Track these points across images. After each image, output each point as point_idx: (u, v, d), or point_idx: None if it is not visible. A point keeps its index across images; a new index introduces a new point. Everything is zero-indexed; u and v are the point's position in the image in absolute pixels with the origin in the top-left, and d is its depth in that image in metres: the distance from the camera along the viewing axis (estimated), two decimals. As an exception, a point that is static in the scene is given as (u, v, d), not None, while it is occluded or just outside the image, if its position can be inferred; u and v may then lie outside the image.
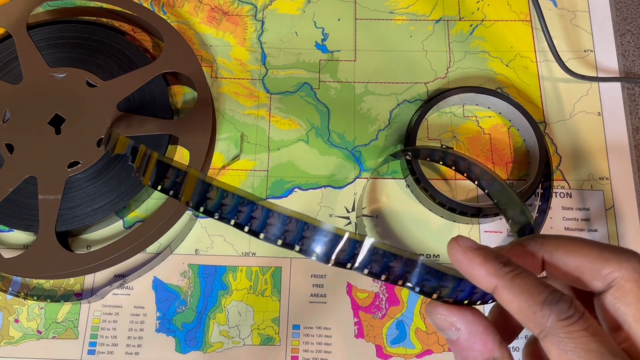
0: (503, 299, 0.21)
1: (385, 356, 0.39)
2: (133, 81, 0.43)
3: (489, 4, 0.49)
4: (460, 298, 0.23)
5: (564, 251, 0.22)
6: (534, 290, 0.21)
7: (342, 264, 0.22)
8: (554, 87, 0.46)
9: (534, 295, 0.20)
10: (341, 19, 0.48)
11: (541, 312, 0.20)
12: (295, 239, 0.22)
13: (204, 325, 0.40)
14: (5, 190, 0.40)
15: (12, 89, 0.43)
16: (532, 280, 0.21)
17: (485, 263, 0.22)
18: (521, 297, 0.21)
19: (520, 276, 0.21)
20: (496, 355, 0.22)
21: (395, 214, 0.42)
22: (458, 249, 0.22)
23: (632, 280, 0.21)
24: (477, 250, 0.22)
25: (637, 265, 0.21)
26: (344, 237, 0.22)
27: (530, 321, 0.20)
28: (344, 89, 0.46)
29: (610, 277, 0.21)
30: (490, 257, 0.22)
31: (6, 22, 0.44)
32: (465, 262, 0.22)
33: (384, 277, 0.22)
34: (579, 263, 0.22)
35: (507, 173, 0.44)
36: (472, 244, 0.22)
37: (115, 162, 0.41)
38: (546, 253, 0.23)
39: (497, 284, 0.21)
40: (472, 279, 0.22)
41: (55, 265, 0.38)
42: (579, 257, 0.22)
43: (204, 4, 0.49)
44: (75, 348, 0.39)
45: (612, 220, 0.42)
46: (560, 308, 0.20)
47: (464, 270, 0.22)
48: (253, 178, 0.43)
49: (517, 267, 0.21)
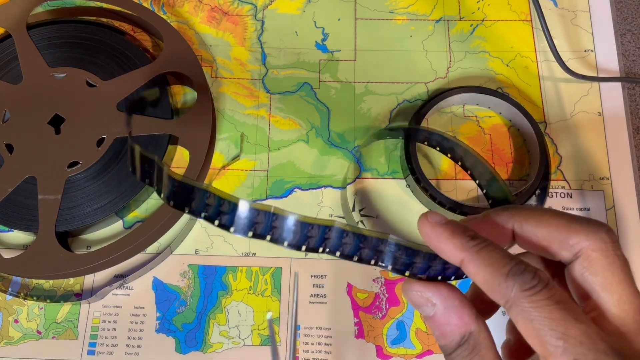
0: (470, 272, 0.22)
1: (386, 356, 0.39)
2: (133, 81, 0.43)
3: (489, 4, 0.49)
4: (434, 274, 0.23)
5: (533, 222, 0.23)
6: (499, 262, 0.21)
7: (314, 249, 0.22)
8: (555, 87, 0.46)
9: (499, 267, 0.21)
10: (341, 19, 0.48)
11: (505, 284, 0.20)
12: (265, 229, 0.22)
13: (204, 325, 0.40)
14: (5, 190, 0.40)
15: (12, 89, 0.43)
16: (498, 253, 0.21)
17: (453, 237, 0.22)
18: (486, 270, 0.21)
19: (487, 249, 0.21)
20: (472, 328, 0.22)
21: (395, 214, 0.42)
22: (427, 224, 0.23)
23: (599, 249, 0.21)
24: (445, 224, 0.22)
25: (604, 235, 0.21)
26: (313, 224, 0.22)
27: (496, 293, 0.21)
28: (344, 89, 0.46)
29: (577, 247, 0.21)
30: (458, 231, 0.22)
31: (6, 22, 0.44)
32: (434, 236, 0.22)
33: (356, 259, 0.23)
34: (547, 233, 0.22)
35: (507, 173, 0.44)
36: (440, 219, 0.23)
37: (115, 162, 0.41)
38: (516, 224, 0.23)
39: (464, 257, 0.22)
40: (440, 253, 0.22)
41: (55, 265, 0.38)
42: (547, 227, 0.22)
43: (204, 4, 0.49)
44: (75, 348, 0.39)
45: (613, 220, 0.42)
46: (524, 278, 0.20)
47: (433, 245, 0.23)
48: (253, 178, 0.43)
49: (483, 241, 0.22)
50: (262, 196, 0.43)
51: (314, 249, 0.22)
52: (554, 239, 0.22)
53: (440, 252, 0.23)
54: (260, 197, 0.43)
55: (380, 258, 0.23)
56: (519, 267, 0.21)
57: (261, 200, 0.43)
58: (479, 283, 0.22)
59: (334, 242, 0.22)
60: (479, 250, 0.22)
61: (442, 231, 0.22)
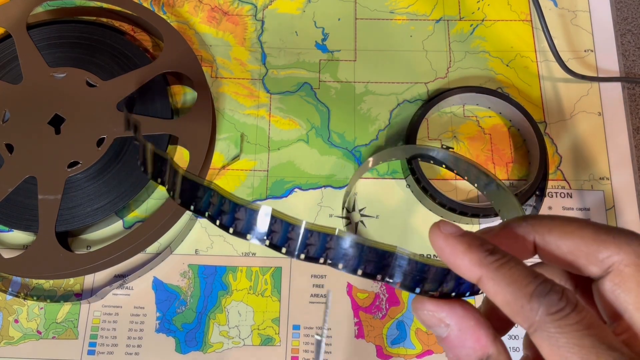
0: (489, 291, 0.19)
1: (386, 356, 0.39)
2: (133, 81, 0.43)
3: (489, 4, 0.49)
4: (447, 291, 0.21)
5: (557, 233, 0.20)
6: (522, 280, 0.19)
7: (315, 259, 0.21)
8: (554, 87, 0.46)
9: (522, 287, 0.19)
10: (341, 19, 0.48)
11: (529, 305, 0.18)
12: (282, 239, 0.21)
13: (204, 325, 0.40)
14: (5, 190, 0.40)
15: (12, 89, 0.43)
16: (520, 270, 0.19)
17: (469, 251, 0.20)
18: (508, 289, 0.19)
19: (507, 265, 0.19)
20: (490, 351, 0.20)
21: (395, 214, 0.42)
22: (440, 236, 0.20)
23: (633, 264, 0.19)
24: (460, 237, 0.20)
25: (637, 248, 0.19)
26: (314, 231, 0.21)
27: (518, 315, 0.19)
28: (344, 89, 0.46)
29: (608, 261, 0.19)
30: (475, 244, 0.20)
31: (6, 22, 0.44)
32: (448, 250, 0.20)
33: (360, 272, 0.21)
34: (573, 246, 0.20)
35: (507, 173, 0.44)
36: (455, 230, 0.20)
37: (115, 162, 0.41)
38: (538, 236, 0.21)
39: (482, 274, 0.19)
40: (455, 269, 0.20)
41: (55, 265, 0.38)
42: (573, 239, 0.20)
43: (204, 4, 0.49)
44: (75, 348, 0.39)
45: (613, 220, 0.42)
46: (550, 300, 0.18)
47: (446, 259, 0.20)
48: (253, 178, 0.43)
49: (504, 256, 0.20)
50: (262, 196, 0.43)
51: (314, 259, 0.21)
52: (581, 252, 0.20)
53: (454, 268, 0.20)
54: (260, 197, 0.43)
55: (387, 273, 0.21)
56: (544, 286, 0.18)
57: (261, 200, 0.43)
58: (499, 304, 0.19)
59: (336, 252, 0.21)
60: (499, 266, 0.19)
61: (457, 244, 0.20)
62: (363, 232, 0.42)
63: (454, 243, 0.20)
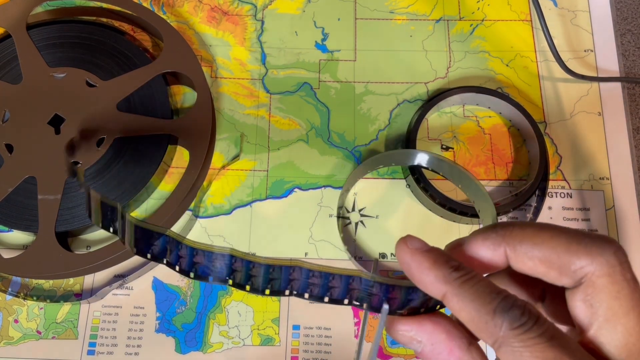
0: (453, 307, 0.20)
1: (386, 356, 0.39)
2: (133, 81, 0.43)
3: (489, 4, 0.49)
4: (415, 307, 0.21)
5: (528, 244, 0.20)
6: (485, 297, 0.19)
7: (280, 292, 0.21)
8: (554, 87, 0.46)
9: (485, 303, 0.19)
10: (341, 19, 0.48)
11: (493, 322, 0.18)
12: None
13: (203, 325, 0.40)
14: (5, 190, 0.40)
15: (12, 89, 0.43)
16: (484, 286, 0.19)
17: (435, 267, 0.20)
18: (472, 305, 0.19)
19: (471, 281, 0.19)
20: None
21: (395, 214, 0.42)
22: (406, 251, 0.20)
23: (605, 275, 0.19)
24: (426, 252, 0.20)
25: (611, 258, 0.19)
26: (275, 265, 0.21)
27: (483, 331, 0.19)
28: (344, 89, 0.46)
29: (581, 273, 0.19)
30: (440, 260, 0.20)
31: (6, 22, 0.44)
32: (414, 265, 0.20)
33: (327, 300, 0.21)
34: (545, 257, 0.20)
35: (507, 173, 0.44)
36: (421, 245, 0.20)
37: (115, 162, 0.41)
38: (508, 247, 0.20)
39: (447, 290, 0.19)
40: (420, 285, 0.20)
41: (55, 265, 0.38)
42: (544, 250, 0.19)
43: (204, 4, 0.49)
44: (75, 348, 0.39)
45: (613, 220, 0.42)
46: (513, 315, 0.18)
47: (412, 275, 0.20)
48: (253, 178, 0.43)
49: (468, 272, 0.20)
50: (262, 196, 0.43)
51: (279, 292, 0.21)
52: (553, 264, 0.19)
53: (419, 284, 0.20)
54: (260, 197, 0.43)
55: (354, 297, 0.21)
56: (507, 302, 0.19)
57: (261, 200, 0.43)
58: (464, 320, 0.19)
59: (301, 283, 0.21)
60: (463, 282, 0.19)
61: (423, 260, 0.20)
62: (363, 232, 0.42)
63: (420, 259, 0.20)
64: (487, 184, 0.43)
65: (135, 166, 0.41)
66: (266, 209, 0.43)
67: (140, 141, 0.42)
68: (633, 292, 0.19)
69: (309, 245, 0.42)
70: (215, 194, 0.43)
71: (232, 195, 0.43)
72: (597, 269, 0.19)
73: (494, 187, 0.43)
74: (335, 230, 0.42)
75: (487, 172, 0.44)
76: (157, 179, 0.42)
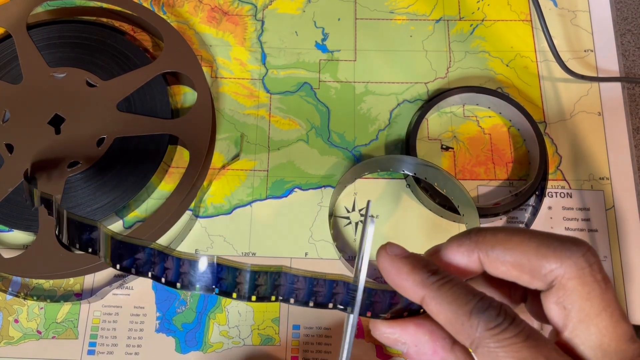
0: (431, 311, 0.20)
1: (385, 356, 0.39)
2: (133, 81, 0.43)
3: (489, 4, 0.49)
4: (398, 311, 0.22)
5: (500, 249, 0.20)
6: (462, 299, 0.19)
7: (266, 298, 0.21)
8: (554, 87, 0.46)
9: (462, 305, 0.19)
10: (341, 19, 0.48)
11: (469, 323, 0.19)
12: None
13: (204, 325, 0.40)
14: (5, 190, 0.40)
15: (12, 89, 0.43)
16: (460, 289, 0.20)
17: (413, 272, 0.20)
18: (448, 308, 0.19)
19: (449, 284, 0.20)
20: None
21: (395, 214, 0.42)
22: (386, 257, 0.21)
23: (575, 277, 0.19)
24: (405, 258, 0.21)
25: (580, 260, 0.19)
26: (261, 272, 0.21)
27: (460, 333, 0.19)
28: (344, 89, 0.46)
29: (551, 276, 0.19)
30: (418, 266, 0.21)
31: (6, 22, 0.44)
32: (393, 271, 0.21)
33: (312, 304, 0.21)
34: (516, 262, 0.20)
35: (507, 173, 0.44)
36: (401, 252, 0.21)
37: (115, 162, 0.41)
38: (481, 253, 0.21)
39: (425, 294, 0.20)
40: (400, 290, 0.21)
41: (55, 265, 0.38)
42: (516, 255, 0.20)
43: (204, 4, 0.49)
44: (75, 348, 0.39)
45: (613, 220, 0.42)
46: (489, 316, 0.19)
47: (391, 280, 0.21)
48: (253, 178, 0.43)
49: (445, 276, 0.20)
50: (262, 196, 0.43)
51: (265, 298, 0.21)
52: (525, 268, 0.20)
53: (399, 289, 0.21)
54: (260, 197, 0.43)
55: (338, 301, 0.21)
56: (483, 303, 0.19)
57: (261, 200, 0.43)
58: (442, 323, 0.20)
59: (286, 288, 0.21)
60: (440, 286, 0.20)
61: (402, 265, 0.21)
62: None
63: (399, 265, 0.21)
64: (487, 184, 0.43)
65: (135, 166, 0.41)
66: (266, 209, 0.43)
67: (140, 141, 0.42)
68: (604, 293, 0.19)
69: (309, 245, 0.42)
70: (215, 194, 0.43)
71: (232, 195, 0.43)
72: (566, 272, 0.19)
73: (494, 187, 0.43)
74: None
75: (487, 172, 0.44)
76: (157, 179, 0.42)
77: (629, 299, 0.40)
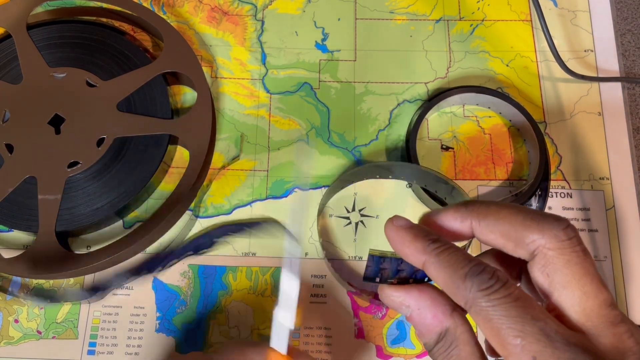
0: (431, 274, 0.22)
1: (386, 356, 0.39)
2: (133, 81, 0.43)
3: (489, 4, 0.49)
4: (404, 277, 0.24)
5: (491, 219, 0.22)
6: (458, 264, 0.21)
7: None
8: (554, 87, 0.46)
9: (458, 269, 0.21)
10: (341, 19, 0.48)
11: (463, 285, 0.21)
12: None
13: (204, 325, 0.40)
14: (5, 191, 0.40)
15: (12, 89, 0.43)
16: (458, 255, 0.22)
17: (415, 240, 0.23)
18: (446, 272, 0.21)
19: (447, 252, 0.22)
20: (448, 324, 0.22)
21: (395, 214, 0.42)
22: (392, 228, 0.24)
23: (555, 248, 0.21)
24: (408, 228, 0.23)
25: (559, 233, 0.21)
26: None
27: (455, 294, 0.21)
28: (344, 89, 0.46)
29: (533, 245, 0.21)
30: (420, 234, 0.23)
31: (6, 22, 0.44)
32: (397, 239, 0.23)
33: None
34: (504, 231, 0.22)
35: (507, 173, 0.44)
36: (405, 223, 0.24)
37: (115, 162, 0.41)
38: (474, 220, 0.23)
39: (425, 259, 0.22)
40: (403, 256, 0.23)
41: (55, 265, 0.38)
42: (504, 225, 0.22)
43: (204, 4, 0.49)
44: (75, 348, 0.39)
45: (613, 220, 0.42)
46: (482, 278, 0.20)
47: (396, 248, 0.23)
48: (253, 178, 0.43)
49: (444, 244, 0.22)
50: (262, 196, 0.43)
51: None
52: (510, 237, 0.22)
53: (403, 255, 0.23)
54: (260, 197, 0.43)
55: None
56: (477, 267, 0.21)
57: (261, 200, 0.43)
58: (440, 285, 0.22)
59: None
60: (440, 252, 0.22)
61: (405, 234, 0.23)
62: (363, 232, 0.42)
63: (402, 234, 0.23)
64: (487, 184, 0.43)
65: (135, 166, 0.41)
66: (266, 209, 0.43)
67: (140, 141, 0.42)
68: (583, 261, 0.21)
69: (309, 245, 0.42)
70: (215, 194, 0.43)
71: (232, 195, 0.43)
72: (547, 242, 0.21)
73: (494, 187, 0.43)
74: (335, 230, 0.42)
75: (487, 172, 0.44)
76: (157, 179, 0.42)
77: (629, 299, 0.40)
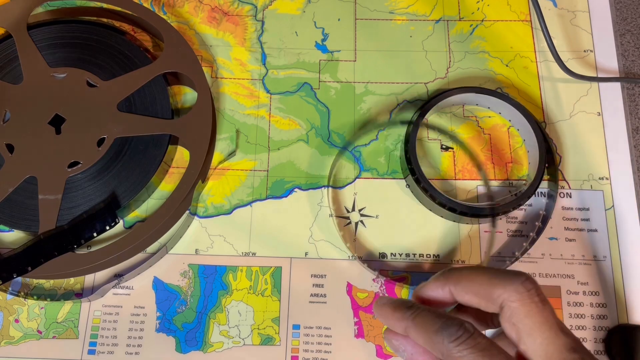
0: (413, 336, 0.25)
1: (385, 356, 0.39)
2: (133, 81, 0.43)
3: (489, 4, 0.49)
4: None
5: (464, 282, 0.26)
6: (431, 322, 0.24)
7: None
8: (554, 87, 0.46)
9: (431, 326, 0.24)
10: (341, 19, 0.48)
11: (437, 338, 0.23)
12: None
13: (204, 325, 0.40)
14: (5, 190, 0.40)
15: (12, 89, 0.43)
16: (430, 315, 0.25)
17: (395, 311, 0.26)
18: (422, 330, 0.24)
19: (422, 314, 0.25)
20: None
21: (395, 214, 0.42)
22: (376, 306, 0.27)
23: (517, 300, 0.24)
24: (390, 303, 0.27)
25: (519, 287, 0.24)
26: None
27: (433, 349, 0.24)
28: (344, 89, 0.46)
29: (499, 300, 0.24)
30: (399, 306, 0.26)
31: (6, 22, 0.44)
32: (382, 314, 0.27)
33: None
34: (475, 291, 0.25)
35: (507, 173, 0.44)
36: (386, 300, 0.27)
37: (115, 162, 0.41)
38: (452, 286, 0.26)
39: (406, 325, 0.25)
40: (390, 327, 0.26)
41: (55, 265, 0.39)
42: (474, 285, 0.25)
43: (204, 4, 0.49)
44: (76, 348, 0.39)
45: (612, 220, 0.42)
46: (450, 332, 0.23)
47: (383, 322, 0.27)
48: (253, 178, 0.43)
49: (418, 308, 0.25)
50: (262, 196, 0.43)
51: None
52: (481, 295, 0.25)
53: (390, 327, 0.26)
54: (260, 197, 0.43)
55: None
56: (447, 322, 0.24)
57: (261, 200, 0.43)
58: (422, 344, 0.25)
59: None
60: (415, 316, 0.25)
61: (387, 309, 0.26)
62: (363, 232, 0.42)
63: (385, 309, 0.27)
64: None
65: (135, 166, 0.41)
66: (266, 209, 0.43)
67: (140, 141, 0.42)
68: (542, 311, 0.23)
69: (309, 245, 0.42)
70: (215, 194, 0.43)
71: (232, 195, 0.43)
72: (510, 296, 0.24)
73: (494, 187, 0.43)
74: (335, 230, 0.42)
75: (486, 172, 0.44)
76: (157, 179, 0.42)
77: (629, 299, 0.40)
